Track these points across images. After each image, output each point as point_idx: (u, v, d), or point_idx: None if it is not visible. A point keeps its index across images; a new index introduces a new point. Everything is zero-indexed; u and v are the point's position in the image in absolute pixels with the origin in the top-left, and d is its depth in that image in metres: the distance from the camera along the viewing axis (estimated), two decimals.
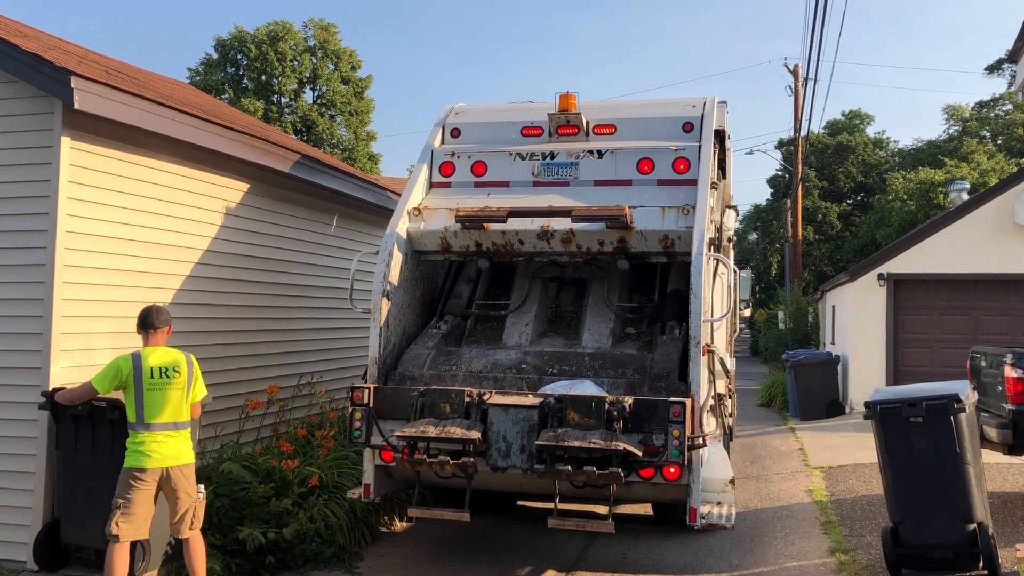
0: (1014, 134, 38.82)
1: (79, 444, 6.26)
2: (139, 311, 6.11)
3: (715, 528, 6.55)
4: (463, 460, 6.27)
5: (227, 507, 7.03)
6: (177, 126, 7.45)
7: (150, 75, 10.95)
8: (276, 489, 7.45)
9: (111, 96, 6.66)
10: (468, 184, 8.08)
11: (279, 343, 9.37)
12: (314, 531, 7.18)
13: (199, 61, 44.82)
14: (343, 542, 7.40)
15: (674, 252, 7.38)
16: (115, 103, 6.70)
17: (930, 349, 16.87)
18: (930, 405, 6.26)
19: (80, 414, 6.17)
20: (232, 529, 6.83)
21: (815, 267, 43.35)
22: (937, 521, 6.27)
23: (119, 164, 7.12)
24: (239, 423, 8.06)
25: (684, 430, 6.05)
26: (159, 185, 7.62)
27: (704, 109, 8.13)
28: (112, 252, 7.09)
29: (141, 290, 7.39)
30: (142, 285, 7.42)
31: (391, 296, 7.37)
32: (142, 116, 7.00)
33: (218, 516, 6.94)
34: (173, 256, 7.83)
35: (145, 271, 7.47)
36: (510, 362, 7.26)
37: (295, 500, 7.38)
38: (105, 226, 7.01)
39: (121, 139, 7.09)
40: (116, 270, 7.14)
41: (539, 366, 7.18)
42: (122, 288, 7.19)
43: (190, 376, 5.96)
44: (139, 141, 7.27)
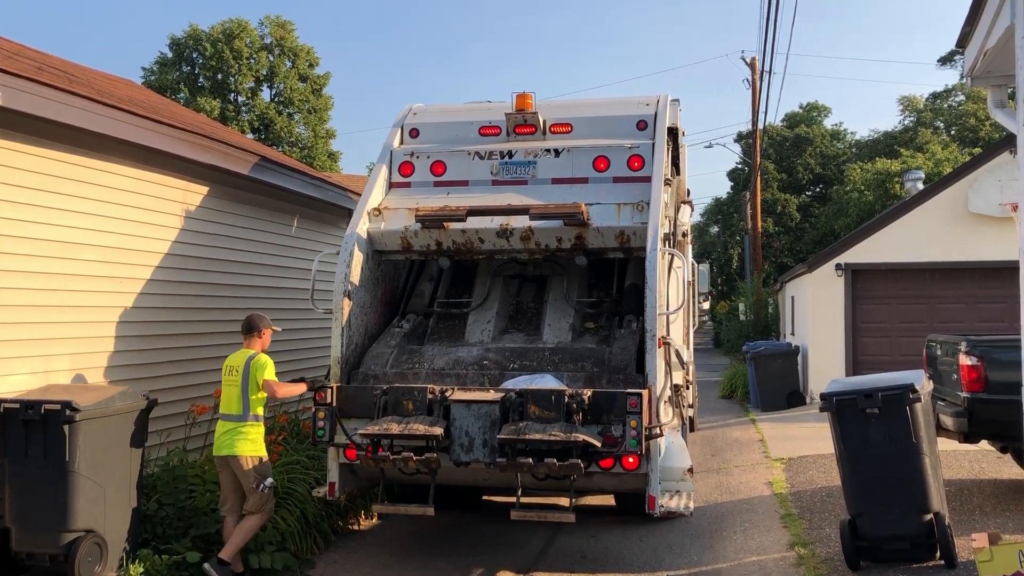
0: (966, 124, 39.50)
1: (30, 450, 5.97)
2: None
3: (674, 516, 6.76)
4: (426, 456, 6.38)
5: (172, 517, 6.81)
6: (118, 125, 7.21)
7: (92, 73, 10.63)
8: None
9: (40, 93, 6.38)
10: (428, 184, 8.14)
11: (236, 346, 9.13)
12: (265, 539, 6.97)
13: (153, 60, 44.13)
14: (295, 549, 7.20)
15: (630, 247, 7.49)
16: (45, 100, 6.42)
17: (888, 338, 17.00)
18: (886, 396, 6.22)
19: (32, 419, 5.89)
20: (177, 541, 6.60)
21: (775, 259, 43.75)
22: (894, 512, 6.23)
23: (62, 166, 6.90)
24: (185, 429, 7.82)
25: (641, 420, 6.18)
26: (112, 188, 7.45)
27: (658, 107, 8.26)
28: (66, 257, 6.93)
29: (97, 295, 7.25)
30: (98, 289, 7.27)
31: (352, 296, 7.40)
32: (75, 114, 6.74)
33: (162, 526, 6.72)
34: (130, 260, 7.68)
35: (102, 275, 7.32)
36: (472, 359, 7.31)
37: None
38: (50, 229, 6.78)
39: (65, 140, 6.86)
40: (71, 275, 7.00)
41: (500, 362, 7.24)
42: (78, 293, 7.05)
43: (245, 374, 6.56)
44: (87, 143, 7.05)
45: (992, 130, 37.08)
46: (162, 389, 7.85)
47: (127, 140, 7.34)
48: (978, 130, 38.66)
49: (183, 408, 7.95)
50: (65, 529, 5.84)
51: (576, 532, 8.21)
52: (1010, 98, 5.16)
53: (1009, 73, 4.99)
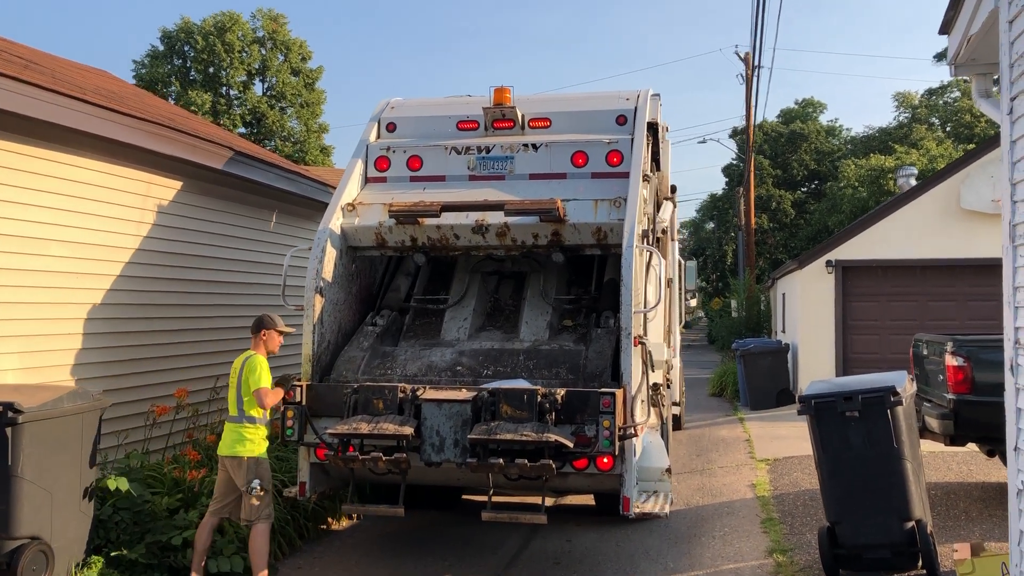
0: (962, 120, 39.28)
1: None
2: None
3: (649, 517, 6.64)
4: (395, 456, 6.29)
5: (128, 522, 6.55)
6: (76, 115, 6.94)
7: (62, 62, 10.35)
8: (185, 501, 7.01)
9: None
10: (404, 179, 8.03)
11: (204, 344, 8.90)
12: (224, 544, 6.73)
13: (144, 53, 43.72)
14: None
15: (607, 244, 7.37)
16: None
17: (879, 336, 16.77)
18: (866, 398, 5.97)
19: None
20: (132, 547, 6.34)
21: (770, 255, 43.52)
22: (874, 520, 5.99)
23: (21, 159, 6.66)
24: (144, 430, 7.57)
25: (614, 420, 6.08)
26: (76, 182, 7.22)
27: (637, 102, 8.15)
28: (24, 252, 6.71)
29: (55, 291, 7.03)
30: (57, 285, 7.05)
31: (325, 293, 7.28)
32: (30, 104, 6.45)
33: (116, 532, 6.46)
34: (100, 256, 7.47)
35: (62, 271, 7.10)
36: (445, 364, 7.19)
37: (204, 512, 6.92)
38: (6, 224, 6.56)
39: (24, 132, 6.61)
40: (29, 271, 6.78)
41: (474, 367, 7.11)
42: (36, 289, 6.85)
43: (239, 375, 6.33)
44: (49, 135, 6.81)
45: (987, 127, 36.86)
46: (123, 388, 7.63)
47: (87, 132, 7.08)
48: (973, 126, 38.43)
49: (145, 408, 7.68)
50: (7, 536, 5.56)
51: (552, 535, 8.01)
52: (995, 85, 4.92)
53: (993, 61, 4.75)
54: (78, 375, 7.16)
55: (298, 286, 8.38)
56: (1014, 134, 4.13)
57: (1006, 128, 4.24)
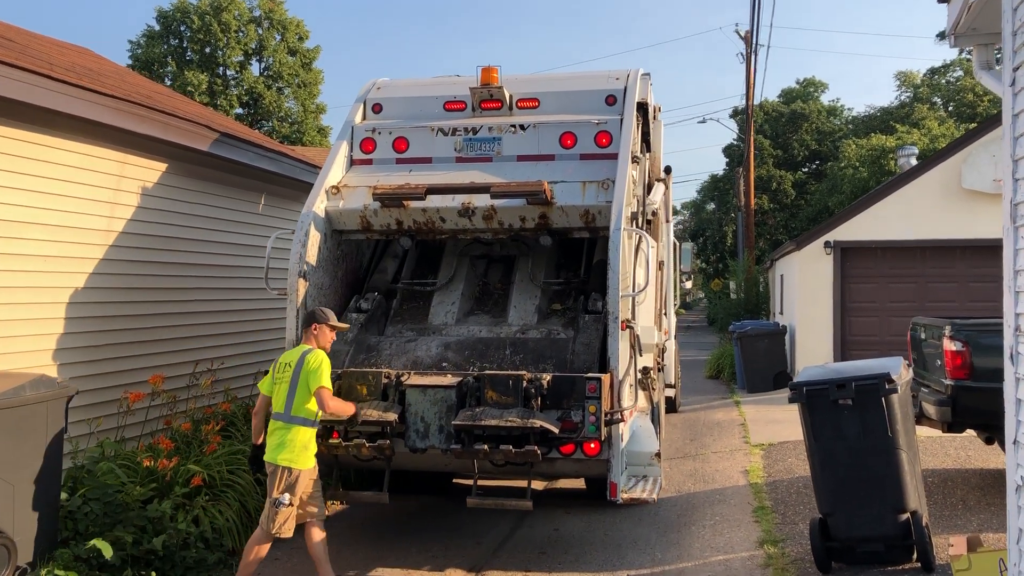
0: (964, 100, 38.85)
1: None
2: None
3: (637, 503, 6.53)
4: (379, 443, 6.22)
5: (98, 512, 6.34)
6: (46, 94, 6.65)
7: (40, 39, 10.08)
8: (159, 490, 6.81)
9: None
10: (390, 161, 7.90)
11: (183, 328, 8.68)
12: (198, 535, 6.53)
13: (140, 33, 43.26)
14: (232, 546, 6.77)
15: (596, 227, 7.25)
16: None
17: (878, 318, 16.56)
18: (860, 385, 5.74)
19: None
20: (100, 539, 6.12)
21: (770, 236, 43.17)
22: (868, 511, 5.78)
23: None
24: (117, 418, 7.35)
25: (600, 406, 6.00)
26: (54, 164, 6.99)
27: (627, 82, 7.99)
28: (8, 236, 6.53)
29: (29, 275, 6.80)
30: (38, 269, 6.86)
31: (309, 277, 7.14)
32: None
33: (85, 523, 6.25)
34: (74, 238, 7.24)
35: (49, 255, 6.91)
36: (430, 359, 7.06)
37: (179, 502, 6.74)
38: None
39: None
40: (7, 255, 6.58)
41: (459, 363, 6.97)
42: (15, 273, 6.66)
43: (296, 372, 5.86)
44: (23, 115, 6.56)
45: (990, 106, 36.46)
46: (97, 374, 7.42)
47: (55, 110, 6.81)
48: (975, 106, 38.00)
49: (119, 395, 7.46)
50: None
51: (540, 523, 7.84)
52: (997, 56, 4.66)
53: (995, 30, 4.49)
54: (49, 360, 6.94)
55: (282, 269, 8.16)
56: (1016, 107, 3.88)
57: (1008, 100, 3.98)
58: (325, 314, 6.18)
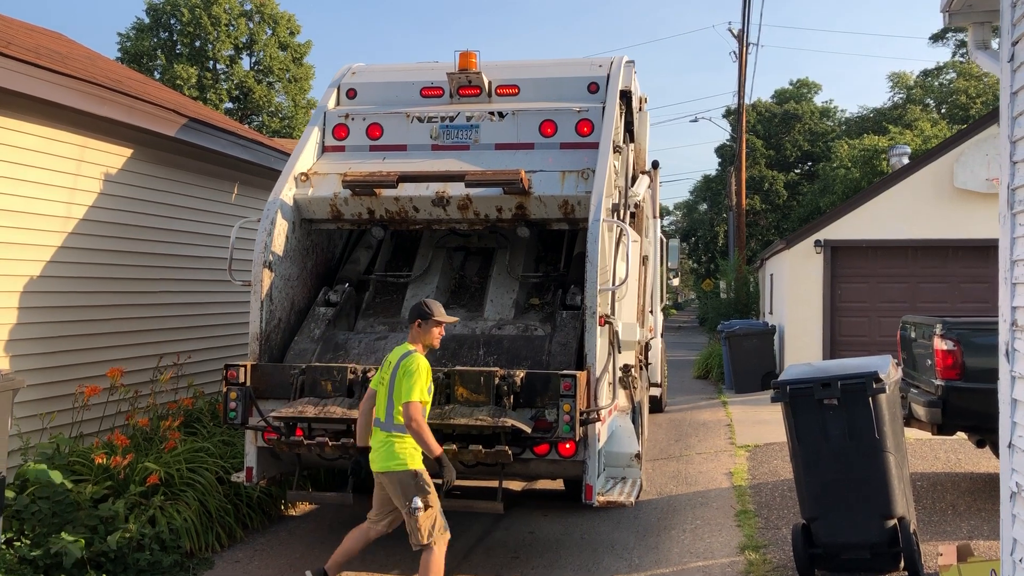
0: (957, 102, 38.71)
1: None
2: None
3: (614, 506, 6.26)
4: (343, 441, 5.93)
5: (46, 512, 6.03)
6: (3, 73, 6.35)
7: (8, 22, 9.72)
8: (115, 489, 6.51)
9: None
10: (363, 148, 7.62)
11: (145, 319, 8.36)
12: (153, 536, 6.22)
13: (130, 26, 42.84)
14: (190, 547, 6.47)
15: (575, 218, 6.98)
16: None
17: (868, 318, 16.32)
18: (846, 385, 5.46)
19: None
20: (45, 540, 5.83)
21: (762, 236, 42.99)
22: (853, 517, 5.50)
23: None
24: (72, 413, 7.03)
25: (575, 404, 5.71)
26: (8, 146, 6.68)
27: (610, 69, 7.73)
28: None
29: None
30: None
31: (275, 267, 6.84)
32: None
33: (32, 524, 5.94)
34: (36, 225, 6.97)
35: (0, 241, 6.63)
36: None
37: (135, 501, 6.43)
38: None
39: None
40: None
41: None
42: None
43: (393, 374, 5.29)
44: None
45: (983, 108, 36.29)
46: (52, 367, 7.10)
47: (7, 88, 6.49)
48: (968, 108, 37.85)
49: (74, 389, 7.14)
50: None
51: (515, 525, 7.57)
52: (994, 35, 4.39)
53: (992, 7, 4.22)
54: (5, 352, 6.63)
55: (248, 260, 7.87)
56: (1015, 84, 3.61)
57: (1006, 78, 3.71)
58: (430, 308, 5.47)
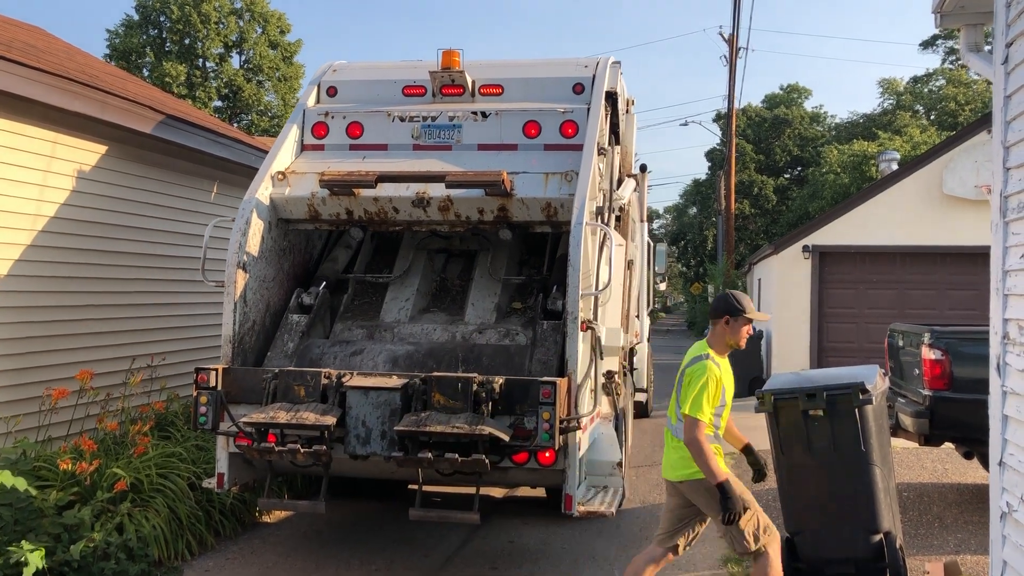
0: (946, 108, 38.79)
1: None
2: None
3: (594, 516, 6.09)
4: (315, 448, 5.73)
5: (8, 520, 5.84)
6: None
7: None
8: (81, 495, 6.32)
9: None
10: (343, 147, 7.45)
11: (116, 321, 8.17)
12: (120, 544, 6.03)
13: (119, 23, 42.58)
14: (159, 555, 6.28)
15: (558, 221, 6.85)
16: None
17: (856, 324, 16.25)
18: (831, 395, 5.31)
19: None
20: (5, 549, 5.63)
21: (751, 241, 43.02)
22: (838, 532, 5.35)
23: None
24: (39, 416, 6.84)
25: (555, 412, 5.54)
26: None
27: (596, 70, 7.58)
28: None
29: None
30: None
31: (249, 268, 6.65)
32: None
33: None
34: (3, 223, 6.82)
35: None
36: (377, 361, 6.58)
37: (102, 508, 6.24)
38: None
39: None
40: None
41: (409, 364, 6.48)
42: None
43: (679, 377, 4.92)
44: None
45: (971, 115, 36.35)
46: (18, 369, 6.91)
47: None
48: (957, 114, 37.93)
49: (41, 392, 6.95)
50: None
51: (494, 534, 7.42)
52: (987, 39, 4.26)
53: (984, 9, 4.09)
54: None
55: (222, 260, 7.69)
56: (1009, 87, 3.47)
57: (999, 80, 3.58)
58: (741, 303, 4.81)
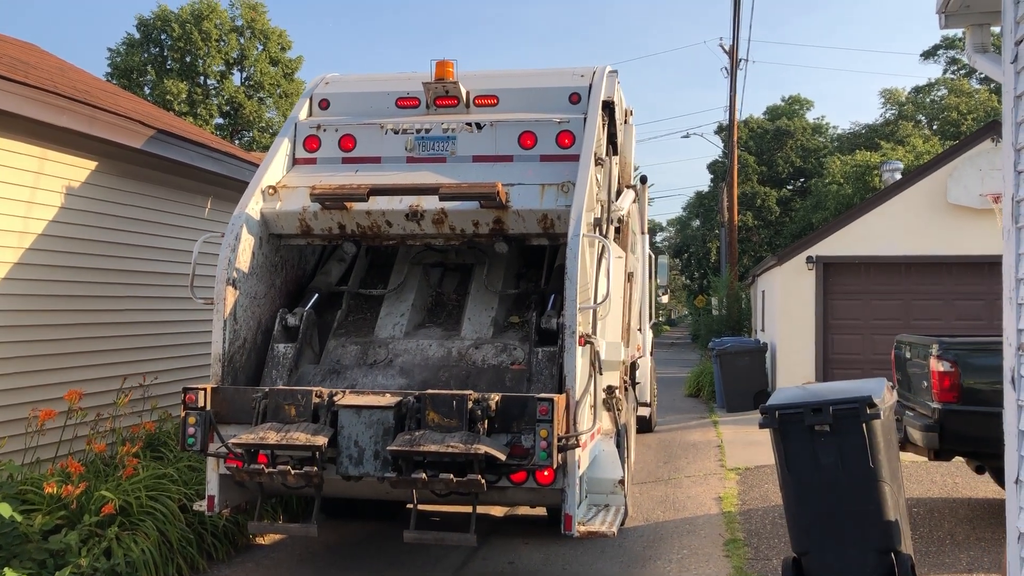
0: (948, 118, 38.65)
1: None
2: None
3: (595, 536, 5.93)
4: (306, 469, 5.56)
5: None
6: None
7: None
8: (68, 519, 6.15)
9: None
10: (335, 160, 7.31)
11: (106, 340, 8.03)
12: (108, 570, 5.86)
13: (120, 41, 42.63)
14: None
15: (555, 233, 6.68)
16: None
17: (861, 336, 16.04)
18: (838, 410, 5.14)
19: None
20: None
21: (754, 252, 42.81)
22: (847, 551, 5.16)
23: None
24: (25, 438, 6.68)
25: (552, 430, 5.37)
26: None
27: (593, 79, 7.44)
28: None
29: None
30: None
31: (239, 285, 6.51)
32: None
33: None
34: None
35: None
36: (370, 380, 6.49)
37: (89, 532, 6.07)
38: None
39: None
40: None
41: (403, 382, 6.38)
42: None
43: None
44: None
45: (973, 124, 36.21)
46: (4, 390, 6.76)
47: None
48: (960, 124, 37.80)
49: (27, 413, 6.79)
50: None
51: (494, 555, 7.24)
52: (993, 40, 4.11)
53: (991, 8, 3.95)
54: None
55: (209, 276, 7.55)
56: (1019, 87, 3.32)
57: (1008, 80, 3.42)
58: None
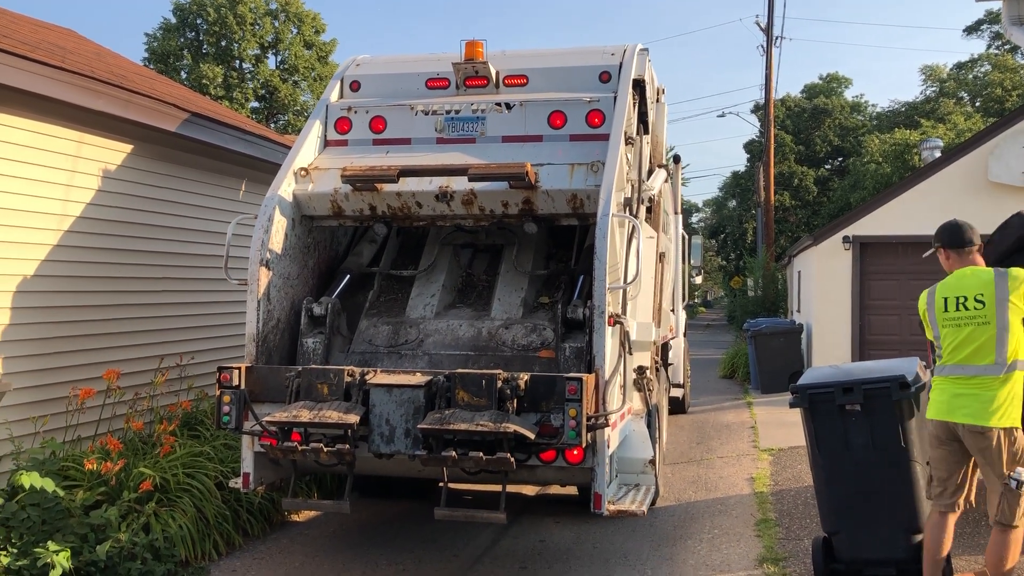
0: (992, 95, 37.83)
1: None
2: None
3: (624, 515, 5.97)
4: (338, 447, 5.66)
5: (35, 520, 5.83)
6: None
7: (15, 17, 9.58)
8: (108, 495, 6.31)
9: None
10: (366, 142, 7.38)
11: (143, 320, 8.17)
12: (146, 544, 6.01)
13: (157, 26, 43.14)
14: (186, 556, 6.25)
15: (584, 213, 6.69)
16: None
17: (899, 316, 15.82)
18: (869, 390, 5.11)
19: None
20: (33, 549, 5.62)
21: (792, 233, 42.35)
22: (877, 532, 5.14)
23: None
24: (66, 416, 6.84)
25: (581, 409, 5.39)
26: (9, 143, 6.56)
27: (623, 58, 7.41)
28: None
29: None
30: None
31: (272, 266, 6.61)
32: None
33: (19, 532, 5.74)
34: (30, 223, 6.81)
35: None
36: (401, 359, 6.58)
37: (128, 508, 6.23)
38: None
39: None
40: None
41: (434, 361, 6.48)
42: None
43: (1000, 299, 4.80)
44: None
45: (1018, 100, 35.43)
46: (46, 369, 6.92)
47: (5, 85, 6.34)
48: (1004, 100, 36.99)
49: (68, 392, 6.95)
50: None
51: (525, 534, 7.31)
52: None
53: None
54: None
55: (243, 257, 7.65)
56: None
57: None
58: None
